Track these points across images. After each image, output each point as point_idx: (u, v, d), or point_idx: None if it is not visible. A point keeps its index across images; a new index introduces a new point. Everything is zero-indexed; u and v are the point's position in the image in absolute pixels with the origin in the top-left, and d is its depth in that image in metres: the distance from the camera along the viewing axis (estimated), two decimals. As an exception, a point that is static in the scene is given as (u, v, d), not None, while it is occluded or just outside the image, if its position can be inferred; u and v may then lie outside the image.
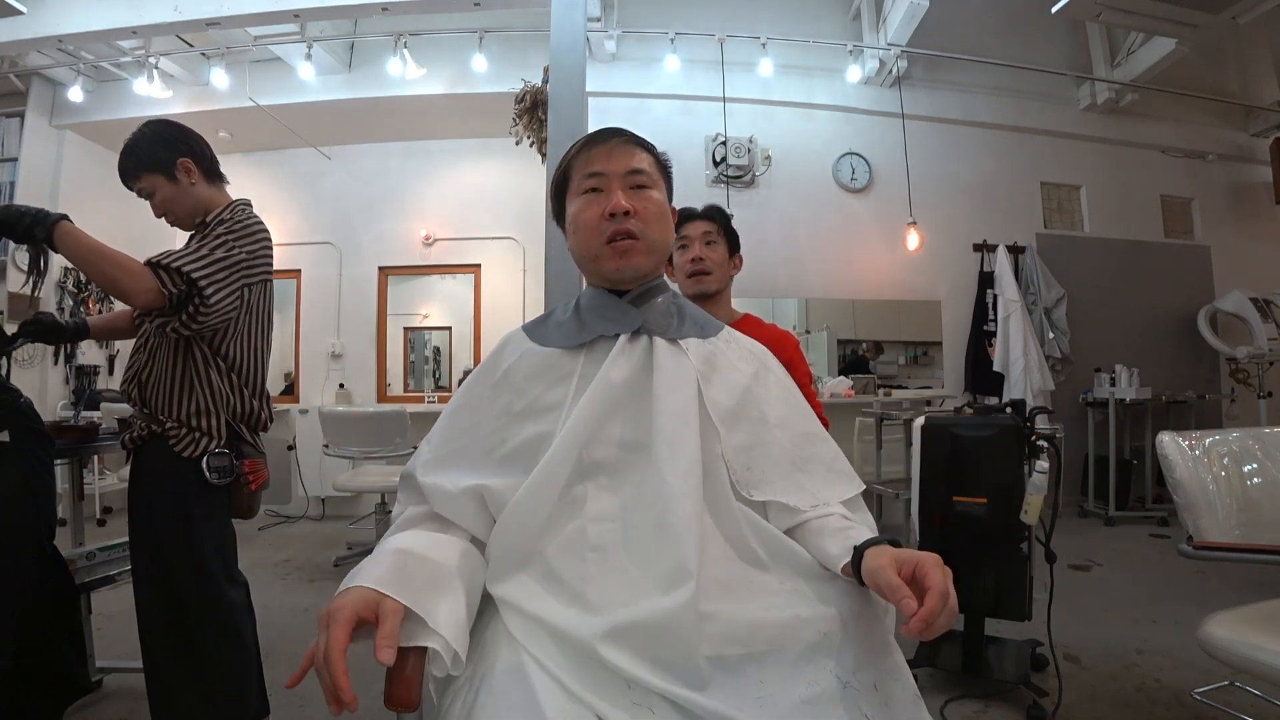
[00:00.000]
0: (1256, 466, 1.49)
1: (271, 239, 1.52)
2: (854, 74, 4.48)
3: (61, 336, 1.56)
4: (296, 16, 3.59)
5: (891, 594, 0.62)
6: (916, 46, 4.32)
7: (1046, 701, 1.75)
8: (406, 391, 5.09)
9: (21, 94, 4.39)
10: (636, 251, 0.85)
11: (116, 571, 1.81)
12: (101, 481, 4.22)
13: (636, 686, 0.65)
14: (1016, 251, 4.59)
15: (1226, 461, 1.47)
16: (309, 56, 4.13)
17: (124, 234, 2.73)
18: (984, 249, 4.66)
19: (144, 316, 1.43)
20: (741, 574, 0.75)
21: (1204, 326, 4.76)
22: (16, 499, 1.29)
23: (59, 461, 1.64)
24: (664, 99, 4.45)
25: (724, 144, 4.39)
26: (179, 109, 4.40)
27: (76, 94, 4.30)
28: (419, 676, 0.65)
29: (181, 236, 1.50)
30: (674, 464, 0.74)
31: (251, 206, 1.53)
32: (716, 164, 4.42)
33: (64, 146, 4.54)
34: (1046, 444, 1.82)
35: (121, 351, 4.77)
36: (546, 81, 3.09)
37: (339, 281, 5.00)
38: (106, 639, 2.20)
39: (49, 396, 4.30)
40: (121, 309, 1.58)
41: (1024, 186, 4.83)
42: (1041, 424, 1.91)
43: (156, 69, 4.12)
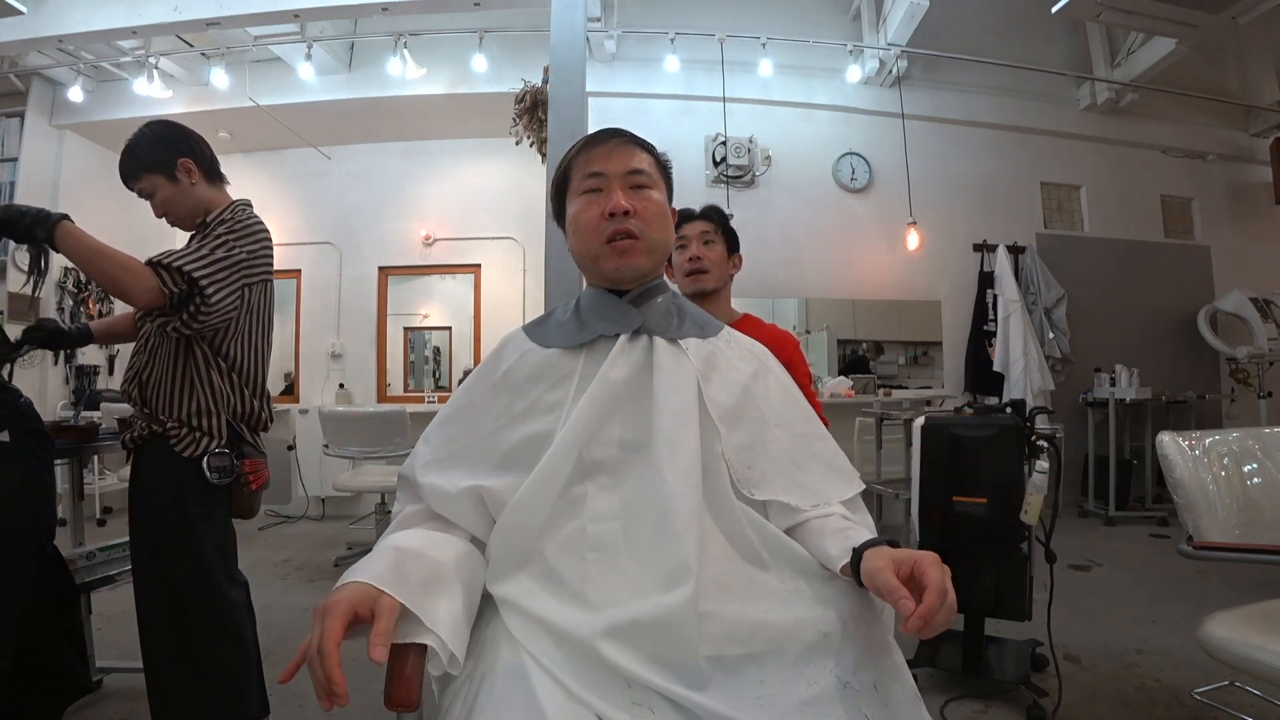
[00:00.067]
0: (1256, 466, 1.49)
1: (272, 239, 1.53)
2: (854, 74, 4.48)
3: (64, 342, 1.57)
4: (296, 16, 3.59)
5: (889, 595, 0.62)
6: (916, 46, 4.32)
7: (1046, 701, 1.75)
8: (406, 391, 5.09)
9: (21, 94, 4.39)
10: (636, 251, 0.85)
11: (116, 571, 1.81)
12: (101, 481, 4.22)
13: (636, 686, 0.65)
14: (1016, 251, 4.59)
15: (1226, 461, 1.47)
16: (309, 56, 4.13)
17: (124, 234, 2.72)
18: (984, 249, 4.66)
19: (145, 316, 1.44)
20: (742, 573, 0.74)
21: (1204, 326, 4.76)
22: (16, 499, 1.29)
23: (59, 461, 1.64)
24: (664, 99, 4.45)
25: (724, 144, 4.39)
26: (179, 109, 4.40)
27: (76, 94, 4.30)
28: (419, 676, 0.65)
29: (182, 237, 1.50)
30: (674, 463, 0.74)
31: (252, 207, 1.53)
32: (716, 164, 4.42)
33: (64, 146, 4.54)
34: (1046, 444, 1.82)
35: (121, 352, 4.77)
36: (546, 81, 3.09)
37: (339, 281, 5.00)
38: (106, 639, 2.20)
39: (49, 396, 4.30)
40: (122, 312, 1.59)
41: (1024, 186, 4.83)
42: (1041, 424, 1.91)
43: (156, 69, 4.12)
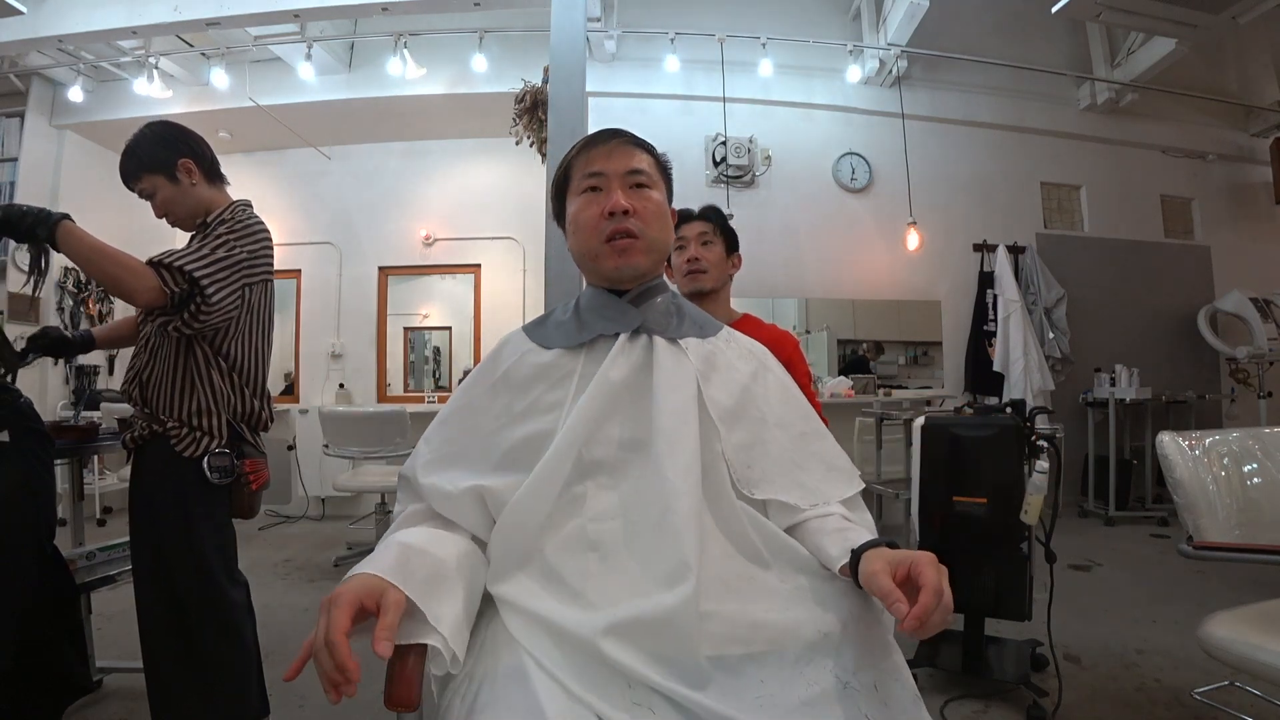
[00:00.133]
0: (1256, 466, 1.49)
1: (272, 239, 1.53)
2: (854, 74, 4.48)
3: (68, 349, 1.59)
4: (296, 16, 3.59)
5: (884, 599, 0.63)
6: (916, 46, 4.32)
7: (1046, 701, 1.75)
8: (406, 391, 5.09)
9: (21, 94, 4.39)
10: (635, 250, 0.85)
11: (116, 571, 1.81)
12: (101, 481, 4.22)
13: (637, 686, 0.65)
14: (1016, 251, 4.59)
15: (1226, 461, 1.47)
16: (309, 56, 4.13)
17: (124, 234, 2.71)
18: (984, 249, 4.66)
19: (146, 316, 1.44)
20: (743, 571, 0.74)
21: (1204, 326, 4.76)
22: (16, 499, 1.29)
23: (59, 461, 1.64)
24: (664, 99, 4.45)
25: (724, 144, 4.39)
26: (179, 109, 4.41)
27: (76, 94, 4.30)
28: (419, 676, 0.65)
29: (182, 237, 1.50)
30: (674, 462, 0.74)
31: (252, 207, 1.54)
32: (716, 164, 4.42)
33: (64, 146, 4.54)
34: (1046, 444, 1.82)
35: (121, 352, 4.75)
36: (546, 81, 3.09)
37: (339, 281, 5.00)
38: (106, 639, 2.20)
39: (49, 396, 4.31)
40: (123, 317, 1.60)
41: (1024, 186, 4.83)
42: (1041, 424, 1.91)
43: (156, 69, 4.12)
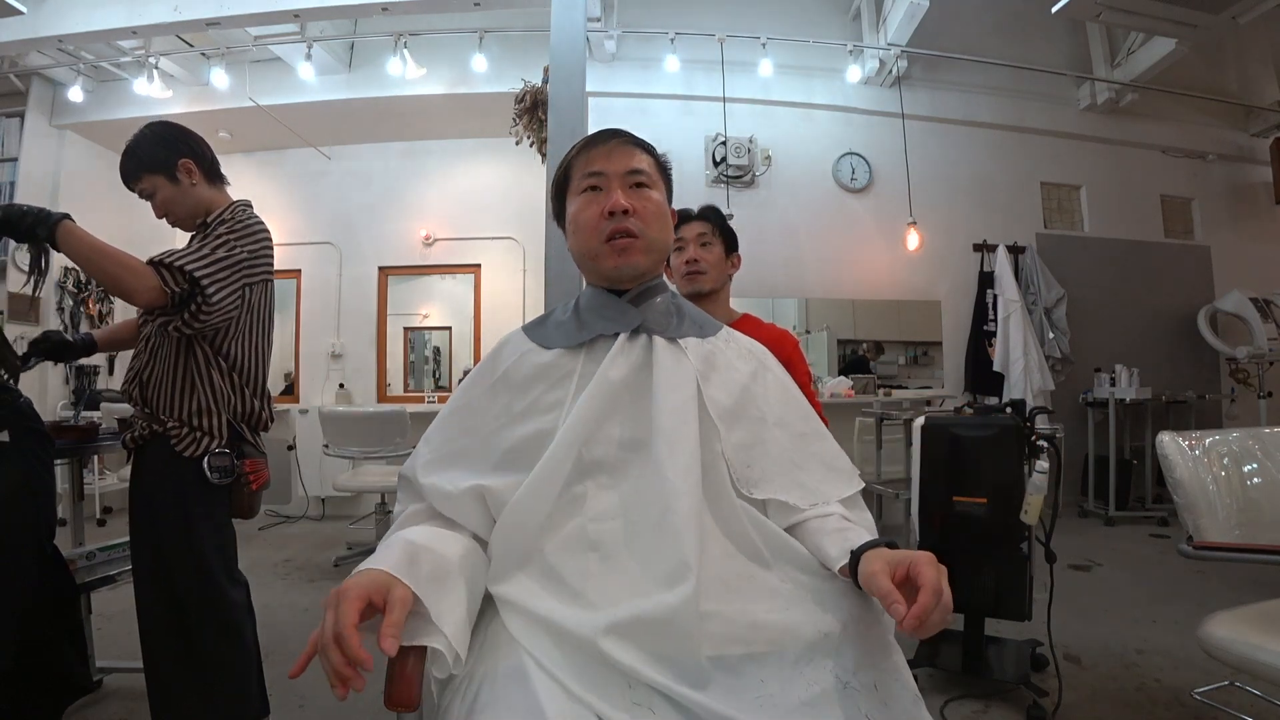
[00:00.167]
0: (1256, 466, 1.49)
1: (272, 239, 1.53)
2: (854, 74, 4.48)
3: (70, 354, 1.59)
4: (296, 16, 3.59)
5: (882, 600, 0.63)
6: (916, 46, 4.31)
7: (1046, 701, 1.75)
8: (406, 391, 5.09)
9: (21, 94, 4.39)
10: (635, 250, 0.85)
11: (116, 571, 1.81)
12: (101, 481, 4.22)
13: (637, 686, 0.65)
14: (1016, 251, 4.58)
15: (1226, 461, 1.47)
16: (309, 56, 4.13)
17: (124, 234, 2.70)
18: (984, 249, 4.66)
19: (147, 316, 1.44)
20: (744, 570, 0.74)
21: (1204, 326, 4.76)
22: (16, 499, 1.29)
23: (59, 461, 1.64)
24: (664, 99, 4.45)
25: (724, 144, 4.39)
26: (179, 109, 4.40)
27: (76, 94, 4.30)
28: (419, 676, 0.65)
29: (182, 237, 1.50)
30: (674, 461, 0.74)
31: (252, 207, 1.54)
32: (716, 164, 4.42)
33: (64, 146, 4.54)
34: (1046, 444, 1.82)
35: (122, 352, 4.76)
36: (546, 81, 3.09)
37: (339, 281, 5.00)
38: (106, 639, 2.20)
39: (49, 396, 4.30)
40: (124, 321, 1.60)
41: (1024, 186, 4.83)
42: (1041, 424, 1.91)
43: (156, 69, 4.12)
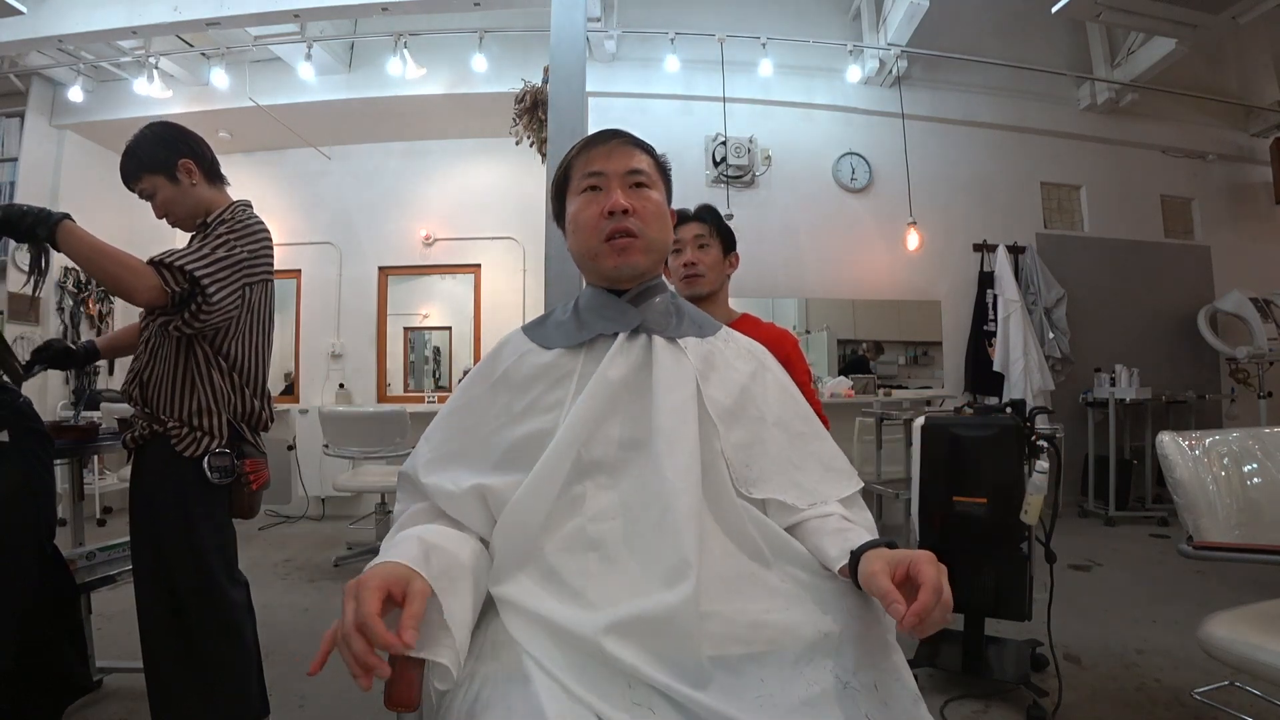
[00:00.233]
0: (1256, 466, 1.49)
1: (272, 239, 1.53)
2: (854, 74, 4.48)
3: (72, 361, 1.60)
4: (296, 16, 3.59)
5: (882, 600, 0.63)
6: (916, 46, 4.31)
7: (1046, 701, 1.76)
8: (406, 391, 5.09)
9: (21, 94, 4.39)
10: (635, 249, 0.86)
11: (116, 571, 1.81)
12: (101, 481, 4.22)
13: (637, 686, 0.65)
14: (1016, 251, 4.59)
15: (1226, 461, 1.47)
16: (309, 56, 4.13)
17: (124, 234, 2.71)
18: (984, 249, 4.66)
19: (147, 316, 1.44)
20: (745, 569, 0.74)
21: (1204, 326, 4.76)
22: (16, 499, 1.29)
23: (59, 461, 1.65)
24: (664, 99, 4.45)
25: (724, 144, 4.39)
26: (179, 109, 4.40)
27: (76, 94, 4.30)
28: (419, 676, 0.65)
29: (182, 237, 1.50)
30: (673, 461, 0.74)
31: (252, 207, 1.54)
32: (716, 164, 4.42)
33: (64, 146, 4.54)
34: (1046, 444, 1.82)
35: (121, 351, 4.76)
36: (546, 81, 3.09)
37: (339, 281, 5.00)
38: (106, 639, 2.20)
39: (49, 396, 4.31)
40: (125, 326, 1.60)
41: (1024, 186, 4.83)
42: (1041, 424, 1.91)
43: (156, 69, 4.12)
